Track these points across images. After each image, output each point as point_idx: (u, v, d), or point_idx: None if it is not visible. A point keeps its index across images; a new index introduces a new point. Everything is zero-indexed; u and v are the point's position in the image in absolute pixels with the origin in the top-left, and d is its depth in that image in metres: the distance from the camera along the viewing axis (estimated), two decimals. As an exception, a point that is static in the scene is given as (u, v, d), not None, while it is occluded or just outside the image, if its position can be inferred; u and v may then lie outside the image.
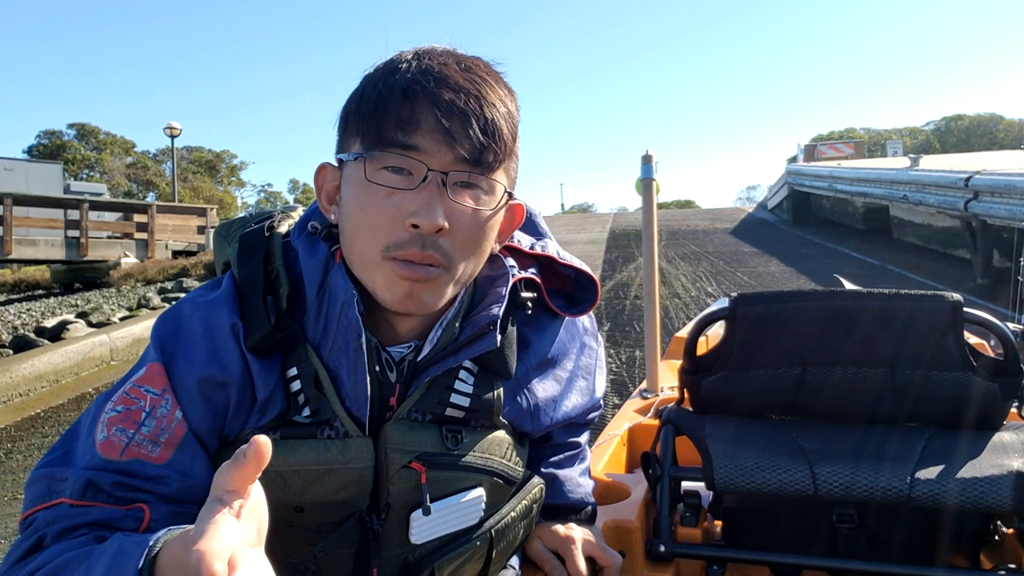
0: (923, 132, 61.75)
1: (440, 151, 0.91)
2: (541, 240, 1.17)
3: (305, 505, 0.96)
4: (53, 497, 0.87)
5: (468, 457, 1.02)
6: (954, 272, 10.33)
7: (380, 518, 0.98)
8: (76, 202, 17.34)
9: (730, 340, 1.56)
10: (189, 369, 0.93)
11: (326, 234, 1.01)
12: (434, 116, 0.91)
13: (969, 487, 1.30)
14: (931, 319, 1.45)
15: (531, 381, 1.11)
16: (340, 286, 0.96)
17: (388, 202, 0.92)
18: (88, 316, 10.62)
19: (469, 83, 0.93)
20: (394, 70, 0.94)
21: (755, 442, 1.47)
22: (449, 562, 1.05)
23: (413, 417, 0.99)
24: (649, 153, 2.89)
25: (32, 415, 6.10)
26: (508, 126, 0.96)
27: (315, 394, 0.95)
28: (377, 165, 0.92)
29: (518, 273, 1.07)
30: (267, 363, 0.96)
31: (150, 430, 0.90)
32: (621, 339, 7.36)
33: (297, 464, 0.94)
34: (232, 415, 0.95)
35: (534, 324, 1.12)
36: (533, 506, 1.16)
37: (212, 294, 1.00)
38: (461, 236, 0.95)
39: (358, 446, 0.96)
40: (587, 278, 1.17)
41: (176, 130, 24.52)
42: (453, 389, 1.01)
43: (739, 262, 12.66)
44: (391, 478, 0.97)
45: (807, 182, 18.43)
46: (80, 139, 48.71)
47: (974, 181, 9.47)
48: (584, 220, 24.80)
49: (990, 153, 21.35)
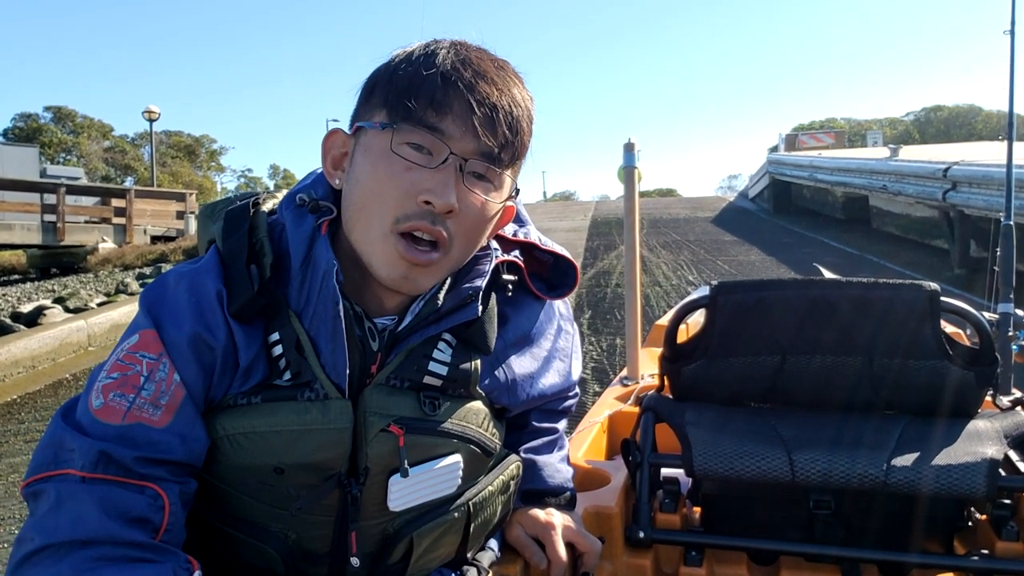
0: (903, 123, 62.22)
1: (465, 138, 0.95)
2: (524, 227, 1.20)
3: (285, 466, 0.97)
4: (61, 467, 0.88)
5: (446, 423, 1.03)
6: (932, 262, 10.43)
7: (359, 482, 1.00)
8: (53, 186, 17.10)
9: (710, 328, 1.57)
10: (178, 331, 0.95)
11: (313, 206, 1.02)
12: (468, 104, 0.94)
13: (944, 474, 1.32)
14: (908, 308, 1.46)
15: (509, 356, 1.14)
16: (323, 256, 0.98)
17: (405, 176, 0.95)
18: (65, 301, 10.50)
19: (502, 80, 0.98)
20: (433, 53, 0.98)
21: (734, 429, 1.48)
22: (427, 532, 1.06)
23: (392, 383, 1.01)
24: (631, 141, 2.89)
25: (8, 401, 6.04)
26: (528, 128, 1.01)
27: (296, 358, 0.97)
28: (402, 139, 0.95)
29: (501, 255, 1.10)
30: (249, 330, 0.98)
31: (150, 393, 0.92)
32: (602, 327, 7.38)
33: (278, 425, 0.96)
34: (217, 379, 0.97)
35: (514, 304, 1.15)
36: (511, 483, 1.18)
37: (197, 263, 1.02)
38: (465, 223, 0.98)
39: (337, 407, 0.97)
40: (567, 263, 1.20)
41: (155, 114, 24.24)
42: (431, 358, 1.03)
43: (720, 251, 12.71)
44: (370, 441, 0.99)
45: (788, 171, 18.51)
46: (57, 122, 48.07)
47: (952, 172, 9.56)
48: (566, 208, 24.80)
49: (969, 144, 21.57)
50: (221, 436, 0.96)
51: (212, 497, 1.01)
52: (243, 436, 0.96)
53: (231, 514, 1.01)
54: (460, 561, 1.16)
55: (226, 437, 0.96)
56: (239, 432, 0.96)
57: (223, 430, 0.96)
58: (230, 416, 0.96)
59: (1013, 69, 2.92)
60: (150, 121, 24.75)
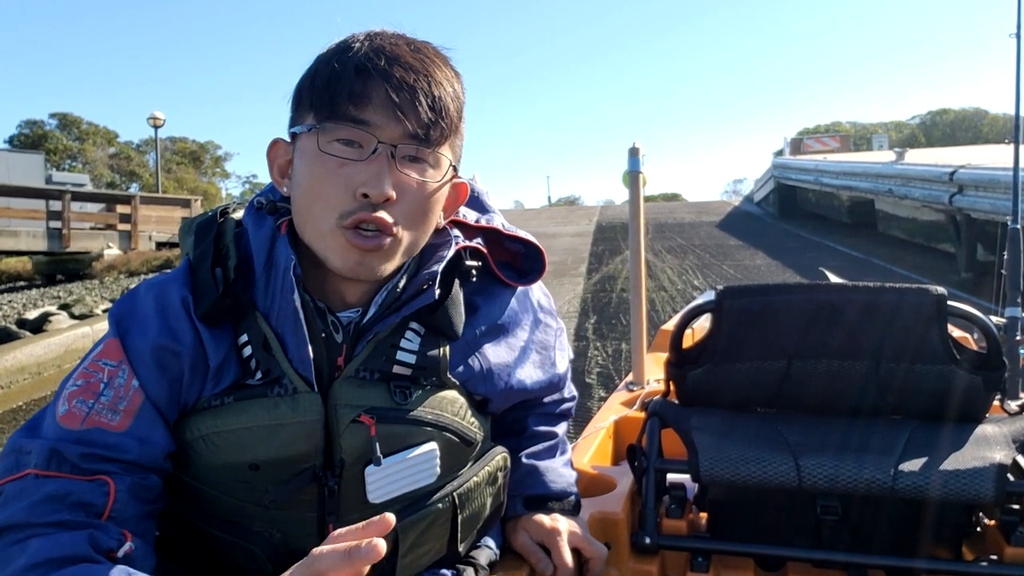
0: (909, 126, 62.09)
1: (390, 125, 0.97)
2: (487, 215, 1.21)
3: (259, 462, 0.99)
4: (20, 469, 0.91)
5: (418, 412, 1.04)
6: (938, 266, 10.40)
7: (336, 475, 1.01)
8: (58, 193, 17.15)
9: (716, 333, 1.56)
10: (143, 340, 0.98)
11: (271, 208, 1.06)
12: (385, 92, 0.96)
13: (952, 479, 1.31)
14: (915, 312, 1.45)
15: (482, 345, 1.14)
16: (282, 253, 1.01)
17: (340, 172, 0.97)
18: (70, 308, 10.53)
19: (419, 63, 0.99)
20: (347, 48, 1.00)
21: (740, 434, 1.47)
22: (411, 525, 1.06)
23: (361, 376, 1.02)
24: (636, 146, 2.89)
25: (14, 408, 6.06)
26: (454, 104, 1.02)
27: (265, 356, 1.00)
28: (330, 137, 0.97)
29: (462, 242, 1.11)
30: (217, 332, 1.00)
31: (109, 399, 0.95)
32: (607, 332, 7.37)
33: (249, 422, 0.98)
34: (187, 384, 0.99)
35: (483, 292, 1.15)
36: (498, 474, 1.18)
37: (166, 275, 1.05)
38: (408, 206, 1.00)
39: (307, 401, 0.99)
40: (535, 250, 1.20)
41: (159, 120, 24.29)
42: (399, 347, 1.04)
43: (725, 255, 12.70)
44: (342, 433, 1.00)
45: (793, 175, 18.50)
46: (62, 129, 48.21)
47: (959, 175, 9.54)
48: (571, 212, 24.81)
49: (975, 147, 21.49)
50: (196, 437, 0.99)
51: (197, 501, 1.03)
52: (217, 435, 0.98)
53: (216, 516, 1.03)
54: (455, 559, 1.16)
55: (201, 438, 0.98)
56: (213, 432, 0.98)
57: (198, 431, 0.98)
58: (204, 417, 0.99)
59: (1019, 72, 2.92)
60: (155, 127, 24.78)
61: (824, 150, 26.07)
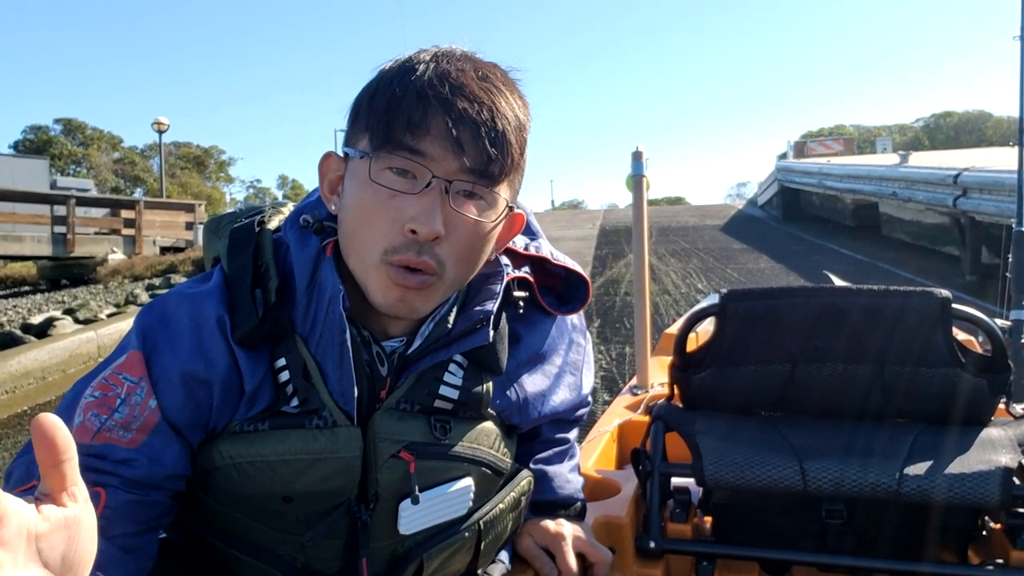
0: (912, 129, 62.04)
1: (447, 159, 0.91)
2: (535, 240, 1.17)
3: (294, 495, 0.96)
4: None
5: (457, 447, 1.02)
6: (943, 268, 10.37)
7: (369, 508, 0.99)
8: (63, 198, 17.16)
9: (720, 336, 1.56)
10: (173, 360, 0.93)
11: (317, 227, 1.00)
12: (445, 123, 0.90)
13: (957, 483, 1.30)
14: (920, 315, 1.45)
15: (521, 376, 1.12)
16: (328, 280, 0.96)
17: (389, 204, 0.91)
18: (75, 312, 10.54)
19: (484, 92, 0.93)
20: (411, 70, 0.93)
21: (745, 438, 1.47)
22: (438, 553, 1.05)
23: (402, 408, 0.99)
24: (639, 149, 2.88)
25: (19, 412, 6.06)
26: (517, 139, 0.95)
27: (303, 384, 0.95)
28: (382, 165, 0.92)
29: (512, 272, 1.08)
30: (255, 355, 0.95)
31: (123, 416, 0.91)
32: (611, 335, 7.36)
33: (286, 453, 0.94)
34: (217, 409, 0.95)
35: (525, 321, 1.12)
36: (521, 499, 1.16)
37: (200, 287, 0.99)
38: (458, 245, 0.94)
39: (346, 435, 0.96)
40: (578, 277, 1.17)
41: (164, 125, 24.35)
42: (442, 381, 1.01)
43: (729, 258, 12.68)
44: (380, 467, 0.97)
45: (797, 179, 18.46)
46: (67, 134, 48.38)
47: (963, 178, 9.50)
48: (574, 216, 24.79)
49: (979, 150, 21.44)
50: (228, 464, 0.95)
51: (218, 520, 1.00)
52: (250, 464, 0.95)
53: (239, 537, 1.00)
54: (471, 575, 1.15)
55: (233, 465, 0.95)
56: (246, 460, 0.95)
57: (230, 458, 0.95)
58: (236, 443, 0.95)
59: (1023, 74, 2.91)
60: (159, 132, 24.85)
61: (828, 153, 26.03)
